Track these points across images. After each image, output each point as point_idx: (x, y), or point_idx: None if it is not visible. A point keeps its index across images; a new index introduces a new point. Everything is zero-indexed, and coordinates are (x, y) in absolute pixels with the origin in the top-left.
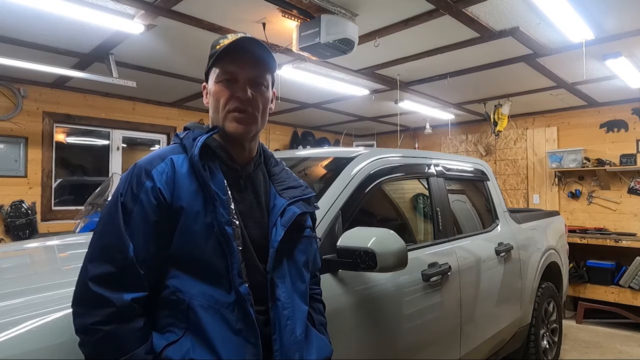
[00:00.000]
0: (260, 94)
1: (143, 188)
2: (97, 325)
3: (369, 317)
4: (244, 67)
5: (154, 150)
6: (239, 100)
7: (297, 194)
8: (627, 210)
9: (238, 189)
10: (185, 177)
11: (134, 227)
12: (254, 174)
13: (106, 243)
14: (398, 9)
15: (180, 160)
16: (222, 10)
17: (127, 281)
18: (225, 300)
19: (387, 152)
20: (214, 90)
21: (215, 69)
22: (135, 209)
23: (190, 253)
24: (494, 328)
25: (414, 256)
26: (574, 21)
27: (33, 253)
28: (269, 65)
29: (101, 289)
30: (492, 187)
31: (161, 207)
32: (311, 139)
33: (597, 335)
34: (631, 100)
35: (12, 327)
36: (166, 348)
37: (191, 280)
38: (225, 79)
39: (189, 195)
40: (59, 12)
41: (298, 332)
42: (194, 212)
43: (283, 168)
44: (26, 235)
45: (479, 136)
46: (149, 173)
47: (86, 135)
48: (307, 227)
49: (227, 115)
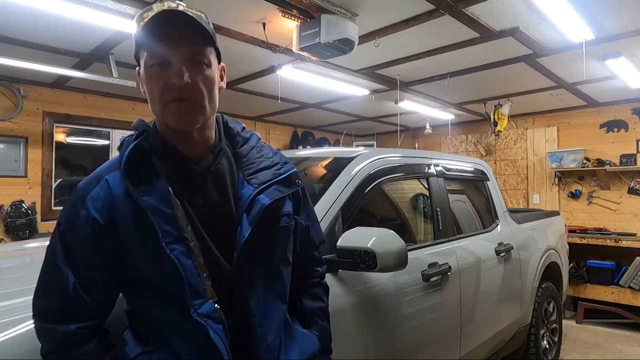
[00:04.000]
0: (201, 74)
1: (79, 217)
2: (50, 354)
3: (369, 317)
4: (174, 45)
5: (98, 167)
6: (175, 88)
7: (268, 177)
8: (627, 210)
9: (196, 190)
10: (123, 199)
11: (76, 258)
12: (215, 165)
13: (47, 278)
14: (398, 9)
15: (116, 180)
16: (222, 10)
17: (72, 313)
18: (188, 324)
19: (387, 152)
20: (145, 78)
21: (143, 52)
22: (74, 239)
23: (146, 279)
24: (494, 328)
25: (414, 256)
26: (574, 21)
27: (33, 253)
28: (206, 37)
29: (46, 324)
30: (492, 187)
31: (100, 236)
32: (311, 139)
33: (597, 335)
34: (631, 100)
35: (12, 327)
36: (139, 356)
37: (156, 304)
38: (156, 64)
39: (129, 219)
40: (59, 12)
41: (270, 338)
42: (137, 238)
43: (254, 145)
44: (26, 235)
45: (479, 136)
46: (84, 200)
47: (86, 135)
48: (284, 215)
49: (165, 108)
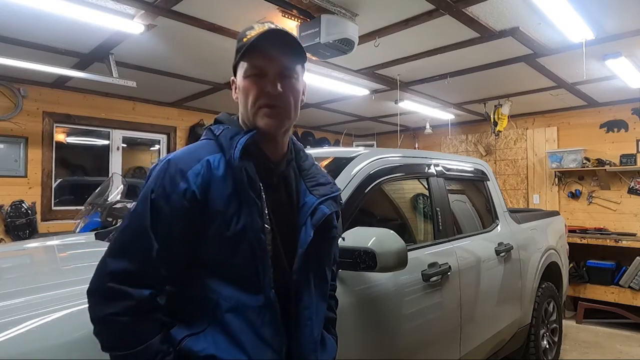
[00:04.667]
0: (290, 87)
1: (177, 189)
2: (114, 316)
3: (369, 317)
4: (272, 60)
5: (187, 146)
6: (269, 95)
7: (326, 192)
8: (627, 210)
9: (272, 189)
10: (221, 181)
11: (163, 227)
12: (286, 171)
13: (130, 239)
14: (398, 9)
15: (216, 161)
16: (222, 10)
17: (147, 280)
18: (252, 304)
19: (387, 152)
20: (242, 85)
21: (243, 63)
22: (166, 209)
23: (221, 257)
24: (494, 328)
25: (414, 256)
26: (574, 21)
27: (33, 253)
28: (299, 56)
29: (119, 285)
30: (492, 187)
31: (193, 211)
32: (311, 139)
33: (597, 335)
34: (631, 100)
35: (12, 327)
36: (186, 338)
37: (220, 281)
38: (254, 74)
39: (223, 199)
40: (59, 12)
41: (316, 332)
42: (227, 218)
43: (313, 163)
44: (26, 235)
45: (479, 136)
46: (184, 174)
47: (86, 135)
48: (334, 227)
49: (258, 111)
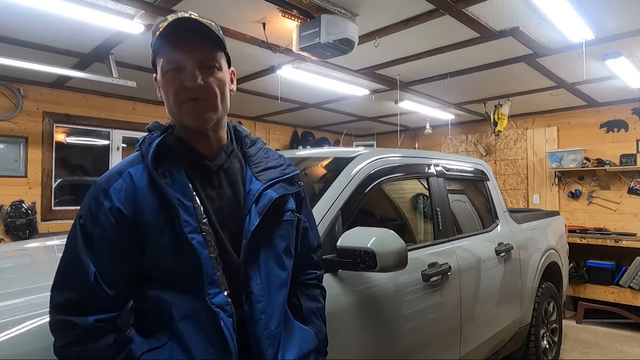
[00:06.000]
0: (212, 76)
1: (102, 209)
2: (66, 347)
3: (369, 317)
4: (187, 51)
5: (115, 164)
6: (189, 89)
7: (275, 175)
8: (627, 210)
9: (212, 185)
10: (146, 191)
11: (97, 249)
12: (227, 164)
13: (67, 269)
14: (398, 9)
15: (139, 172)
16: (222, 10)
17: (91, 305)
18: (204, 309)
19: (387, 152)
20: (162, 82)
21: (160, 59)
22: (96, 231)
23: (165, 267)
24: (494, 328)
25: (414, 256)
26: (574, 21)
27: (33, 253)
28: (216, 43)
29: (65, 316)
30: (492, 187)
31: (124, 227)
32: (311, 139)
33: (597, 335)
34: (631, 100)
35: (12, 327)
36: (146, 353)
37: (169, 291)
38: (171, 69)
39: (152, 210)
40: (59, 12)
41: (272, 326)
42: (159, 228)
43: (260, 147)
44: (26, 235)
45: (479, 136)
46: (107, 192)
47: (86, 135)
48: (288, 210)
49: (180, 107)
